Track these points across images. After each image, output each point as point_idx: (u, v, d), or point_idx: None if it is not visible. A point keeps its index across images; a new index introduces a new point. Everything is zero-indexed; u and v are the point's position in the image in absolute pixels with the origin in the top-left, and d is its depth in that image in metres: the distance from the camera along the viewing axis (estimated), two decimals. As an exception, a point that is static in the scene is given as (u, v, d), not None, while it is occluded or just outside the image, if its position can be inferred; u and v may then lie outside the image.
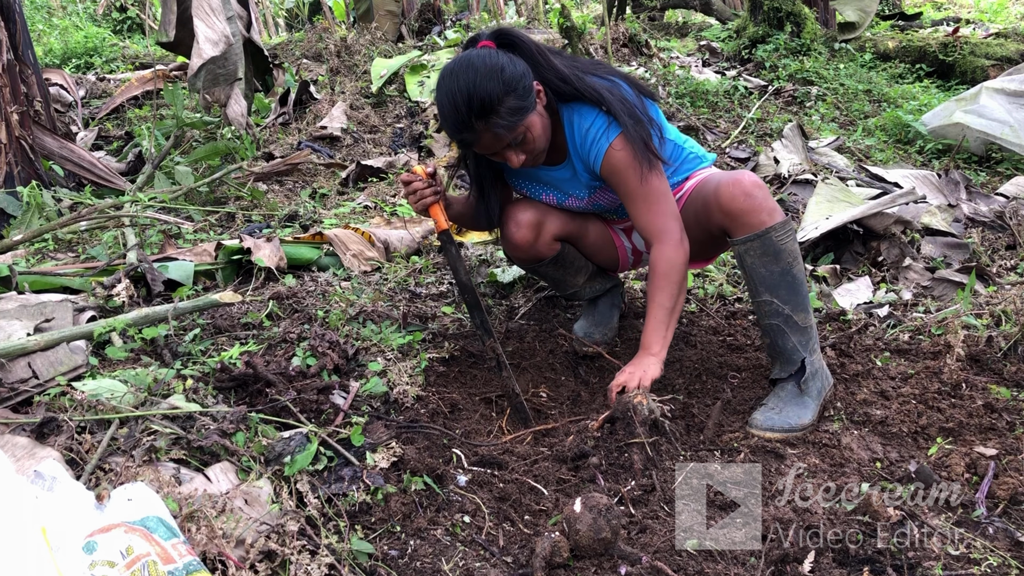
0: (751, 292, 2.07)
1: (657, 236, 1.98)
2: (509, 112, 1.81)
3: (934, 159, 4.63)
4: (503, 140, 1.87)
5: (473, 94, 1.78)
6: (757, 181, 1.95)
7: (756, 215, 1.93)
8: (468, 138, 1.86)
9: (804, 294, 2.01)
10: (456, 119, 1.83)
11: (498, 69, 1.81)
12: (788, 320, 2.00)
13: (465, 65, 1.82)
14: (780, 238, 1.95)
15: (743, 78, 6.04)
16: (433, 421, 2.00)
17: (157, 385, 1.86)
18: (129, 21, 11.47)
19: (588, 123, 1.97)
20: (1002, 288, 2.73)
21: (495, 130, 1.83)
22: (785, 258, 1.96)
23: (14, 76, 3.71)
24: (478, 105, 1.79)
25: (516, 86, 1.82)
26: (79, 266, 2.84)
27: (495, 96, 1.79)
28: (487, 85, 1.79)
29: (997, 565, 1.50)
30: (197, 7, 4.39)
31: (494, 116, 1.81)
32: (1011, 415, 1.98)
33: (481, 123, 1.82)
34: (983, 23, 9.37)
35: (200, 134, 4.73)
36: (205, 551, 1.32)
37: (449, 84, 1.83)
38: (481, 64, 1.81)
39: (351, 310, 2.49)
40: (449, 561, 1.52)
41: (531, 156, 1.95)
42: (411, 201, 2.09)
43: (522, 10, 11.54)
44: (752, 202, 1.92)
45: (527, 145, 1.91)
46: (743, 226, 1.95)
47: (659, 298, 1.97)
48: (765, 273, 1.98)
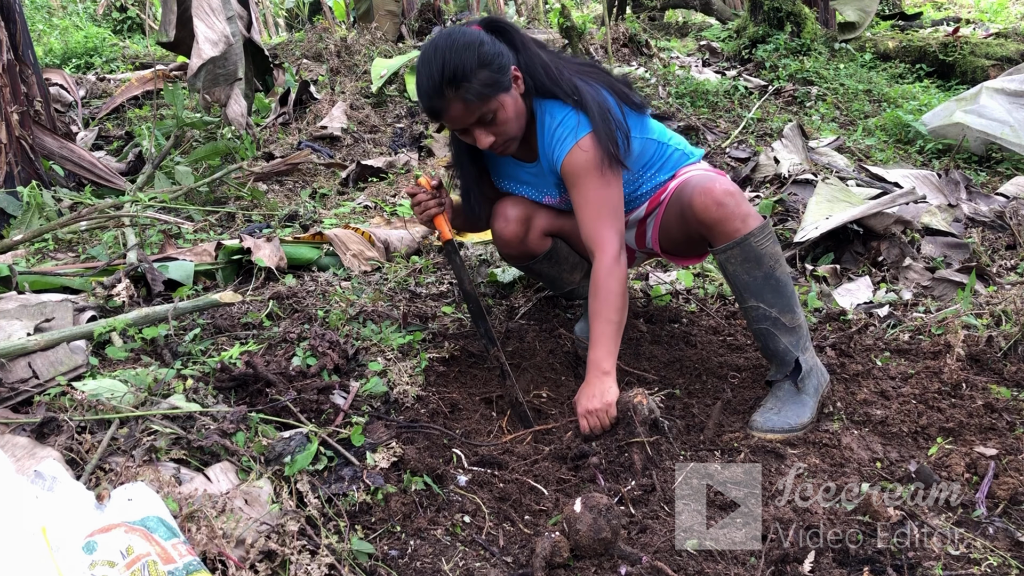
0: (737, 299, 2.06)
1: (599, 248, 1.95)
2: (481, 84, 1.81)
3: (934, 159, 4.62)
4: (472, 113, 1.85)
5: (448, 61, 1.80)
6: (728, 188, 1.92)
7: (730, 223, 1.91)
8: (437, 105, 1.85)
9: (789, 295, 2.00)
10: (429, 86, 1.83)
11: (476, 43, 1.83)
12: (776, 323, 1.99)
13: (446, 36, 1.86)
14: (759, 243, 1.93)
15: (743, 78, 6.04)
16: (433, 421, 2.00)
17: (157, 385, 1.86)
18: (129, 21, 11.47)
19: (558, 120, 1.95)
20: (1002, 288, 2.73)
21: (465, 97, 1.81)
22: (767, 262, 1.95)
23: (14, 76, 3.71)
24: (451, 72, 1.79)
25: (491, 61, 1.83)
26: (79, 266, 2.84)
27: (469, 66, 1.80)
28: (463, 54, 1.80)
29: (997, 565, 1.50)
30: (197, 7, 4.39)
31: (465, 83, 1.80)
32: (1011, 415, 1.98)
33: (451, 90, 1.81)
34: (983, 23, 9.37)
35: (200, 134, 4.73)
36: (205, 551, 1.32)
37: (427, 52, 1.85)
38: (460, 36, 1.84)
39: (351, 310, 2.49)
40: (449, 561, 1.52)
41: (500, 139, 1.92)
42: (416, 212, 2.10)
43: (522, 10, 11.55)
44: (724, 211, 1.91)
45: (497, 126, 1.89)
46: (720, 235, 1.94)
47: (604, 312, 1.94)
48: (748, 279, 1.97)
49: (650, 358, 2.40)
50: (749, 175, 4.34)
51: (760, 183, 4.23)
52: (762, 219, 1.95)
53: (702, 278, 3.03)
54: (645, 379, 2.27)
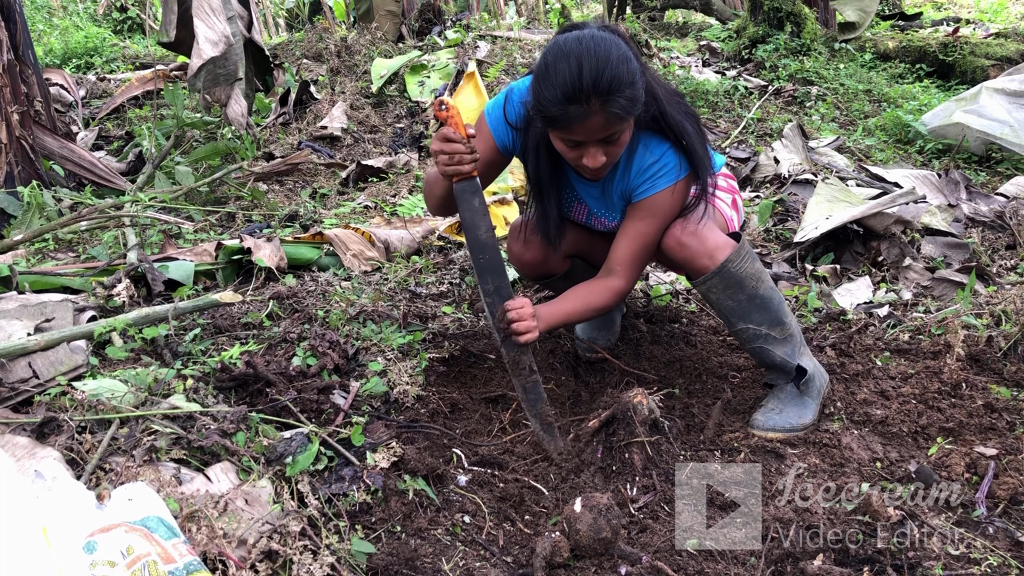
0: (725, 324, 2.04)
1: (621, 277, 1.95)
2: (628, 101, 1.65)
3: (934, 159, 4.62)
4: (608, 128, 1.68)
5: (605, 69, 1.61)
6: (689, 228, 1.89)
7: (697, 261, 1.89)
8: (574, 113, 1.64)
9: (776, 307, 1.97)
10: (573, 88, 1.61)
11: (628, 57, 1.67)
12: (768, 338, 1.98)
13: (599, 40, 1.66)
14: (737, 267, 1.89)
15: (743, 78, 6.04)
16: (433, 421, 2.00)
17: (157, 385, 1.86)
18: (129, 21, 11.48)
19: (655, 157, 1.86)
20: (1002, 288, 2.73)
21: (610, 111, 1.63)
22: (749, 283, 1.92)
23: (14, 76, 3.71)
24: (606, 81, 1.60)
25: (637, 81, 1.67)
26: (79, 266, 2.84)
27: (624, 80, 1.63)
28: (620, 66, 1.63)
29: (997, 565, 1.50)
30: (197, 7, 4.39)
31: (616, 98, 1.63)
32: (1011, 415, 1.98)
33: (598, 102, 1.62)
34: (983, 23, 9.37)
35: (200, 134, 4.73)
36: (206, 551, 1.32)
37: (577, 51, 1.63)
38: (614, 45, 1.66)
39: (351, 310, 2.49)
40: (449, 561, 1.52)
41: (609, 162, 1.77)
42: (442, 163, 1.80)
43: (522, 10, 11.54)
44: (687, 252, 1.89)
45: (614, 147, 1.75)
46: (693, 271, 1.93)
47: (590, 299, 1.95)
48: (733, 304, 1.95)
49: (650, 358, 2.40)
50: (749, 175, 4.34)
51: (760, 183, 4.24)
52: (733, 245, 1.89)
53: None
54: (645, 379, 2.27)
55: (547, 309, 1.92)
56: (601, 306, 1.96)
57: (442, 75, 5.99)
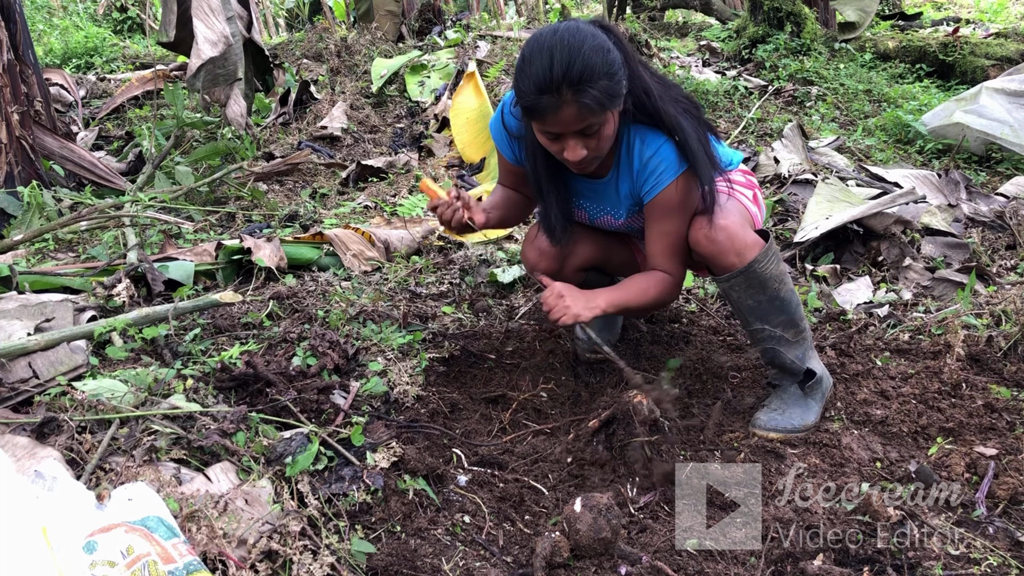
0: (741, 322, 2.03)
1: (666, 266, 1.95)
2: (602, 92, 1.62)
3: (934, 159, 4.62)
4: (582, 120, 1.66)
5: (575, 59, 1.59)
6: (720, 223, 1.84)
7: (724, 258, 1.85)
8: (546, 103, 1.63)
9: (794, 309, 1.95)
10: (544, 78, 1.61)
11: (605, 48, 1.64)
12: (782, 340, 1.96)
13: (574, 29, 1.64)
14: (763, 268, 1.86)
15: (743, 78, 6.04)
16: (433, 421, 2.01)
17: (157, 385, 1.86)
18: (129, 21, 11.48)
19: (652, 151, 1.84)
20: (1002, 288, 2.73)
21: (582, 101, 1.61)
22: (771, 285, 1.89)
23: (14, 76, 3.71)
24: (577, 71, 1.59)
25: (615, 72, 1.65)
26: (79, 266, 2.85)
27: (597, 70, 1.61)
28: (592, 56, 1.61)
29: (997, 565, 1.50)
30: (197, 7, 4.39)
31: (588, 88, 1.61)
32: (1011, 415, 1.98)
33: (570, 92, 1.61)
34: (983, 23, 9.36)
35: (200, 134, 4.73)
36: (205, 551, 1.32)
37: (550, 40, 1.63)
38: (590, 35, 1.64)
39: (351, 310, 2.49)
40: (449, 561, 1.52)
41: (591, 156, 1.76)
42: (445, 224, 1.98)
43: (522, 10, 11.54)
44: (715, 247, 1.85)
45: (595, 140, 1.73)
46: (718, 267, 1.90)
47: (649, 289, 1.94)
48: (753, 304, 1.92)
49: (650, 358, 2.40)
50: (749, 175, 4.34)
51: (760, 183, 4.24)
52: (762, 244, 1.86)
53: (702, 278, 3.03)
54: (645, 379, 2.27)
55: (606, 294, 1.91)
56: (657, 295, 1.94)
57: (442, 75, 5.99)
